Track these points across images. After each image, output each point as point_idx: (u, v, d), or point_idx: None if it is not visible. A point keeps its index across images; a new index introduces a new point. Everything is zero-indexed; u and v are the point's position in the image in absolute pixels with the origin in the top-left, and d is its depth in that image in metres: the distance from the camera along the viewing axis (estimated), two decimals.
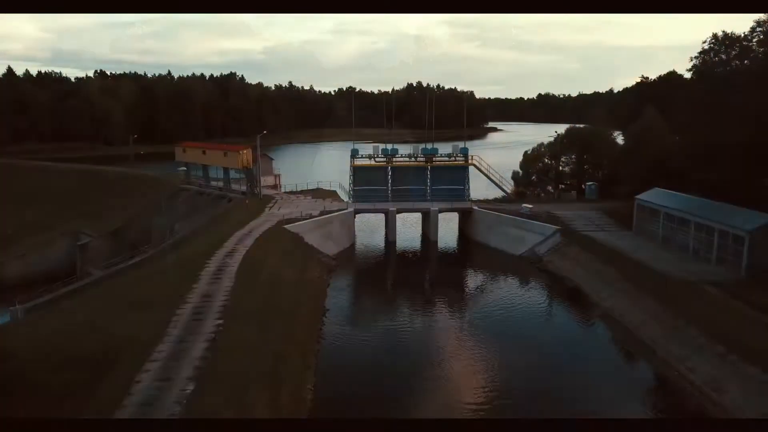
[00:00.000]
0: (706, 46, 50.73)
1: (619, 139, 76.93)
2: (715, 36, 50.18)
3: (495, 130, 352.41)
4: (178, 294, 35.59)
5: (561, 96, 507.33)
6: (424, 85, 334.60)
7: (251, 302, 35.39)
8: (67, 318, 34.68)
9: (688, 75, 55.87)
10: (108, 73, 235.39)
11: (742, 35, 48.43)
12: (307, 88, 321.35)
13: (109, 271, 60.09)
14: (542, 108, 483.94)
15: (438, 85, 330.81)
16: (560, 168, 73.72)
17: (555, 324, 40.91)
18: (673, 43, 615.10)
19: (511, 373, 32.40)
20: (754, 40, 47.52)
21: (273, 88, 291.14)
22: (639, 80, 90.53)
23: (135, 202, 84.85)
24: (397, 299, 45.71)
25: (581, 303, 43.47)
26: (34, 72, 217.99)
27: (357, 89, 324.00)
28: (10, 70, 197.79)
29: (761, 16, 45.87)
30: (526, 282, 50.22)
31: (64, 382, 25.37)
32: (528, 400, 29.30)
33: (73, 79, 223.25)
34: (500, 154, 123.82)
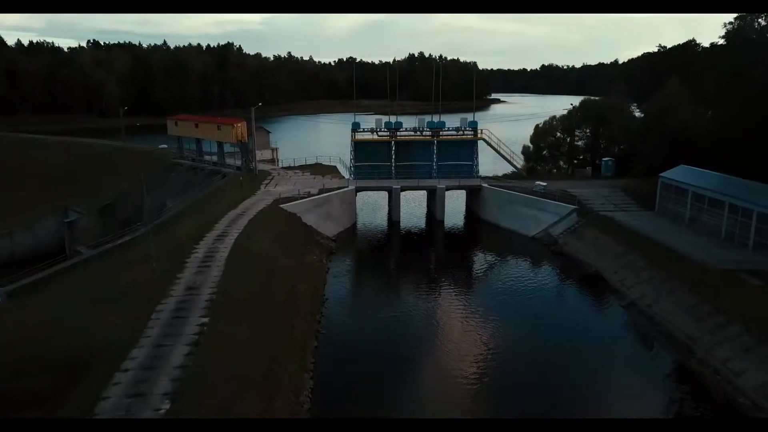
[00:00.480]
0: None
1: (635, 114, 72.58)
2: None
3: (498, 101, 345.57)
4: (162, 285, 32.00)
5: (564, 67, 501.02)
6: (427, 56, 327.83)
7: (242, 294, 31.82)
8: (37, 310, 31.25)
9: (707, 44, 51.44)
10: (102, 43, 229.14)
11: None
12: (306, 58, 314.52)
13: (97, 251, 56.95)
14: (545, 79, 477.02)
15: (441, 56, 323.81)
16: (575, 142, 69.45)
17: (577, 316, 37.19)
18: (677, 15, 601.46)
19: (530, 375, 29.04)
20: None
21: (272, 59, 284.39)
22: (649, 51, 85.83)
23: (126, 178, 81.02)
24: (402, 286, 42.13)
25: (604, 291, 39.90)
26: (26, 42, 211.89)
27: (357, 60, 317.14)
28: (0, 39, 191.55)
29: None
30: (541, 266, 46.66)
31: (22, 392, 22.06)
32: (550, 409, 25.96)
33: (66, 50, 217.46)
34: (506, 128, 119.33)
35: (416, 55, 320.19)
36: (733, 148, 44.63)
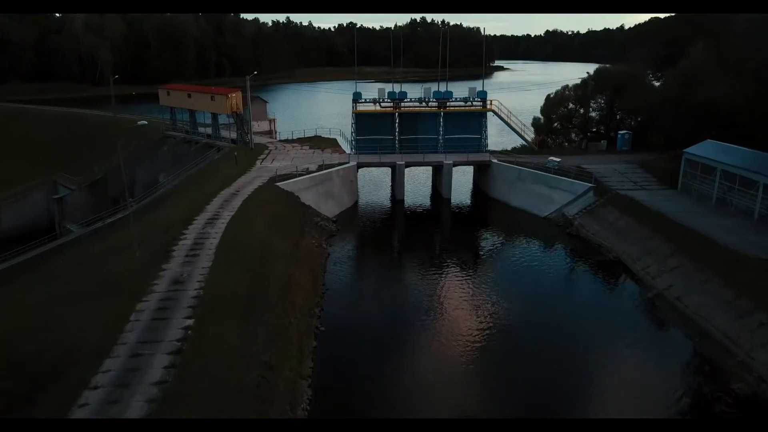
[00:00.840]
0: None
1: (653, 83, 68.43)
2: None
3: (501, 69, 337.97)
4: (144, 278, 28.99)
5: (569, 33, 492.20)
6: (429, 21, 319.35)
7: (233, 288, 28.78)
8: (13, 304, 28.36)
9: None
10: None
11: None
12: (305, 24, 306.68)
13: (87, 230, 54.31)
14: (549, 45, 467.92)
15: (443, 21, 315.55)
16: (589, 114, 65.56)
17: (598, 308, 34.04)
18: None
19: (547, 375, 26.18)
20: None
21: (270, 24, 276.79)
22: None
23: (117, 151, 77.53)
24: (407, 274, 38.92)
25: (626, 280, 36.88)
26: None
27: (358, 25, 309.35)
28: None
29: None
30: (555, 250, 43.55)
31: None
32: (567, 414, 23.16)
33: (57, 15, 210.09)
34: (512, 97, 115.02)
35: (418, 20, 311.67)
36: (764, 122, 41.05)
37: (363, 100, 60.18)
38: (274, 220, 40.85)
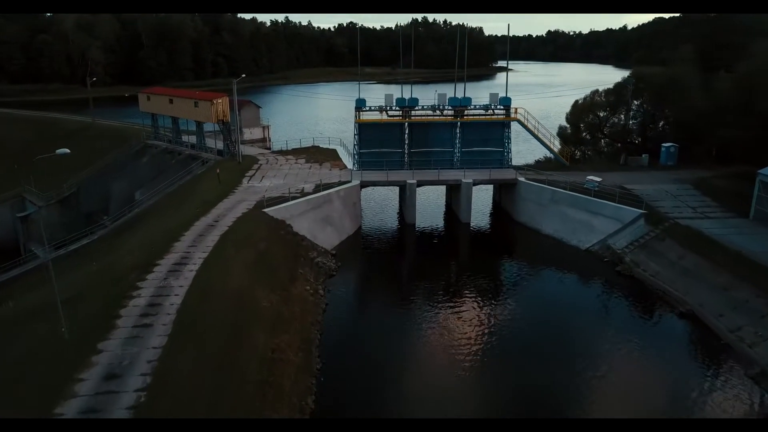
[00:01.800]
0: None
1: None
2: None
3: (504, 69, 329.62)
4: (67, 367, 20.77)
5: (571, 33, 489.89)
6: (431, 20, 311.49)
7: (193, 380, 20.63)
8: None
9: None
10: None
11: None
12: (304, 24, 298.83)
13: (53, 255, 46.78)
14: (551, 45, 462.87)
15: (445, 21, 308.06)
16: (628, 123, 57.26)
17: (680, 392, 25.56)
18: None
19: None
20: None
21: (268, 24, 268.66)
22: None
23: (94, 160, 69.57)
24: (426, 334, 30.48)
25: (710, 346, 28.59)
26: None
27: (358, 25, 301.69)
28: None
29: None
30: (604, 294, 35.36)
31: None
32: None
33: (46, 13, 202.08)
34: (521, 101, 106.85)
35: (420, 20, 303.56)
36: None
37: (367, 108, 51.97)
38: (259, 262, 32.63)
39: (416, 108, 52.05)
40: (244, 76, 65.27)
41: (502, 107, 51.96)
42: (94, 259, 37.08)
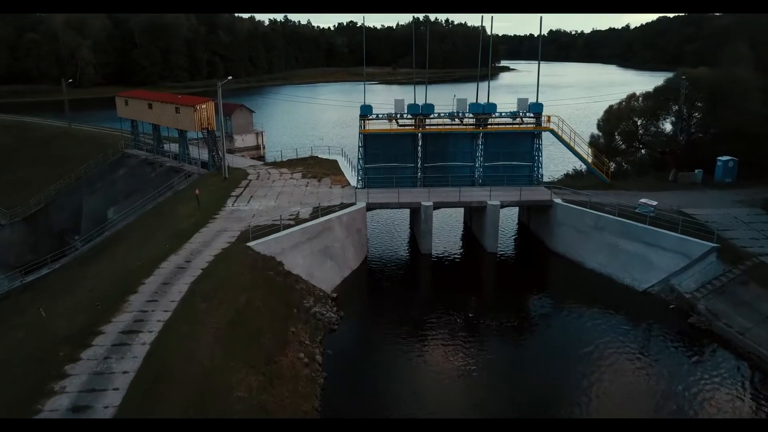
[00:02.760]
0: None
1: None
2: None
3: (507, 69, 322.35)
4: None
5: (573, 32, 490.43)
6: (432, 19, 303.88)
7: None
8: None
9: None
10: None
11: None
12: (304, 23, 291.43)
13: (17, 283, 40.79)
14: (553, 45, 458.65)
15: (447, 20, 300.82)
16: (678, 133, 49.44)
17: None
18: None
19: None
20: None
21: (266, 23, 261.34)
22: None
23: (68, 171, 61.97)
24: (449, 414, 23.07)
25: None
26: None
27: (358, 24, 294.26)
28: None
29: None
30: (674, 357, 27.52)
31: None
32: None
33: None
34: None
35: (421, 19, 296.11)
36: None
37: (374, 116, 44.33)
38: (237, 325, 24.95)
39: (431, 116, 44.41)
40: (230, 78, 57.54)
41: (531, 114, 44.33)
42: (45, 301, 29.78)
